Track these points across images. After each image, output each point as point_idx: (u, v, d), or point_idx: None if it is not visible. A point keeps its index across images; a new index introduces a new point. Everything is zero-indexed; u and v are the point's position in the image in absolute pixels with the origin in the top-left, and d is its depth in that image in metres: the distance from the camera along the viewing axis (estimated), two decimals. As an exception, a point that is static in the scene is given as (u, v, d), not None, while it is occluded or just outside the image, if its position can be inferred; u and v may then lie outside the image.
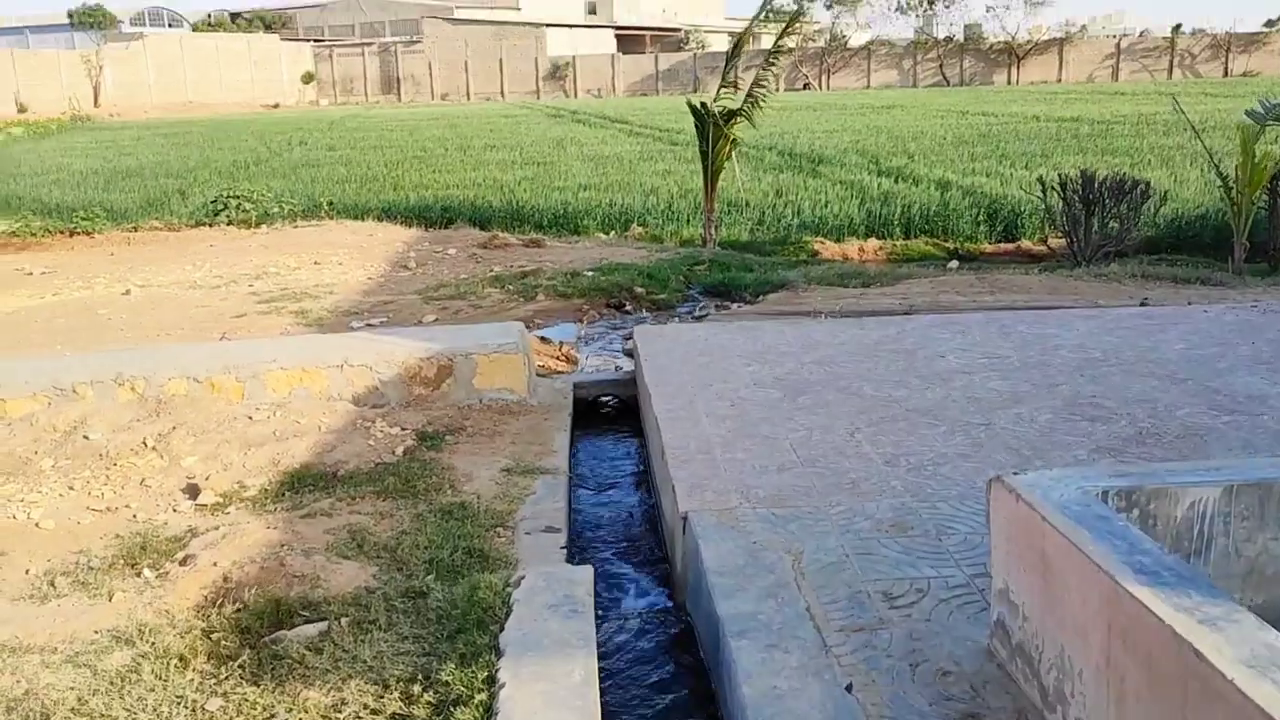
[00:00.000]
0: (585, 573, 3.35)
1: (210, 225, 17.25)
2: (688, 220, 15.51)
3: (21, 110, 61.63)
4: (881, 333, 6.16)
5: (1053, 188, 11.69)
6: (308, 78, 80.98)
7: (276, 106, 75.35)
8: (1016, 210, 14.55)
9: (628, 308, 9.18)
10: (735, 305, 9.19)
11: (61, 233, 16.99)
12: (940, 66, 74.28)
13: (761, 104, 13.15)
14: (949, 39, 75.17)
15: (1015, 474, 2.65)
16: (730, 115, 13.20)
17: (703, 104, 13.15)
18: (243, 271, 11.69)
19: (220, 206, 17.51)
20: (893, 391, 5.07)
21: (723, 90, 12.98)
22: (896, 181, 17.20)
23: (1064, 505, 2.43)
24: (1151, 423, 4.55)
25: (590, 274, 10.12)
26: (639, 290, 9.47)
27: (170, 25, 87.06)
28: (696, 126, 13.48)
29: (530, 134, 34.42)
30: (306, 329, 8.71)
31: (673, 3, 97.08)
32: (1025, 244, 13.78)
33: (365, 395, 5.55)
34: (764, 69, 13.11)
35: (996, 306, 8.40)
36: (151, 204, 19.24)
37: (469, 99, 79.47)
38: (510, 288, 9.72)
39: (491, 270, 11.26)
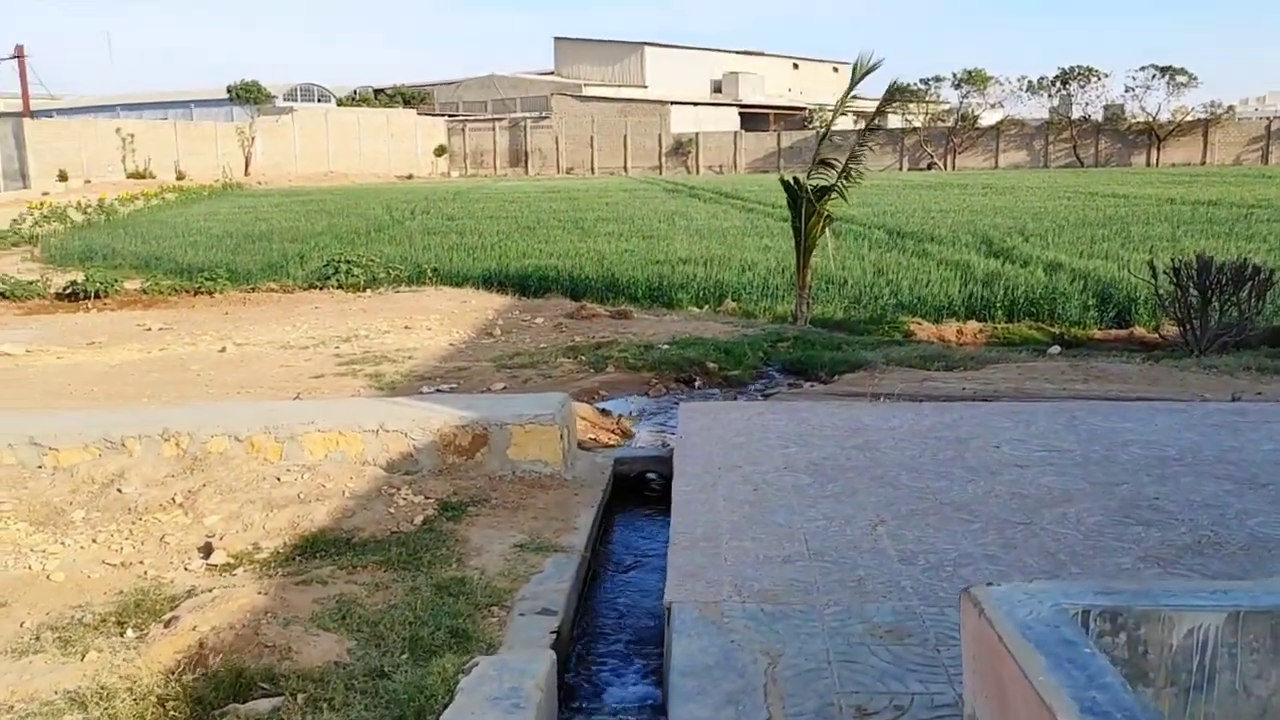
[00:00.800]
0: (541, 663, 3.16)
1: (320, 288, 17.93)
2: (782, 296, 15.29)
3: (180, 177, 65.96)
4: (937, 419, 5.82)
5: (1165, 272, 11.06)
6: (440, 150, 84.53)
7: (410, 177, 78.76)
8: (1131, 295, 13.84)
9: (698, 383, 9.02)
10: (808, 384, 8.92)
11: (186, 291, 17.93)
12: (1074, 147, 72.42)
13: (856, 180, 12.95)
14: (1084, 119, 73.26)
15: (988, 585, 2.36)
16: (824, 191, 13.04)
17: (795, 179, 13.03)
18: (335, 334, 12.02)
19: (331, 270, 18.20)
20: (931, 483, 4.74)
21: (818, 169, 12.84)
22: (1005, 263, 16.64)
23: (1026, 625, 2.14)
24: (1215, 531, 4.11)
25: (665, 347, 10.01)
26: (711, 366, 9.30)
27: (319, 100, 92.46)
28: (789, 202, 13.35)
29: (644, 208, 34.88)
30: (378, 392, 8.83)
31: (798, 82, 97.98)
32: (1139, 331, 13.06)
33: (399, 461, 5.52)
34: (859, 147, 12.93)
35: (1079, 395, 7.90)
36: (271, 266, 20.13)
37: (593, 173, 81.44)
38: (583, 358, 9.69)
39: (572, 340, 11.28)
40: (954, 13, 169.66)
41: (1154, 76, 70.53)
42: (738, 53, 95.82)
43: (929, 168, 72.58)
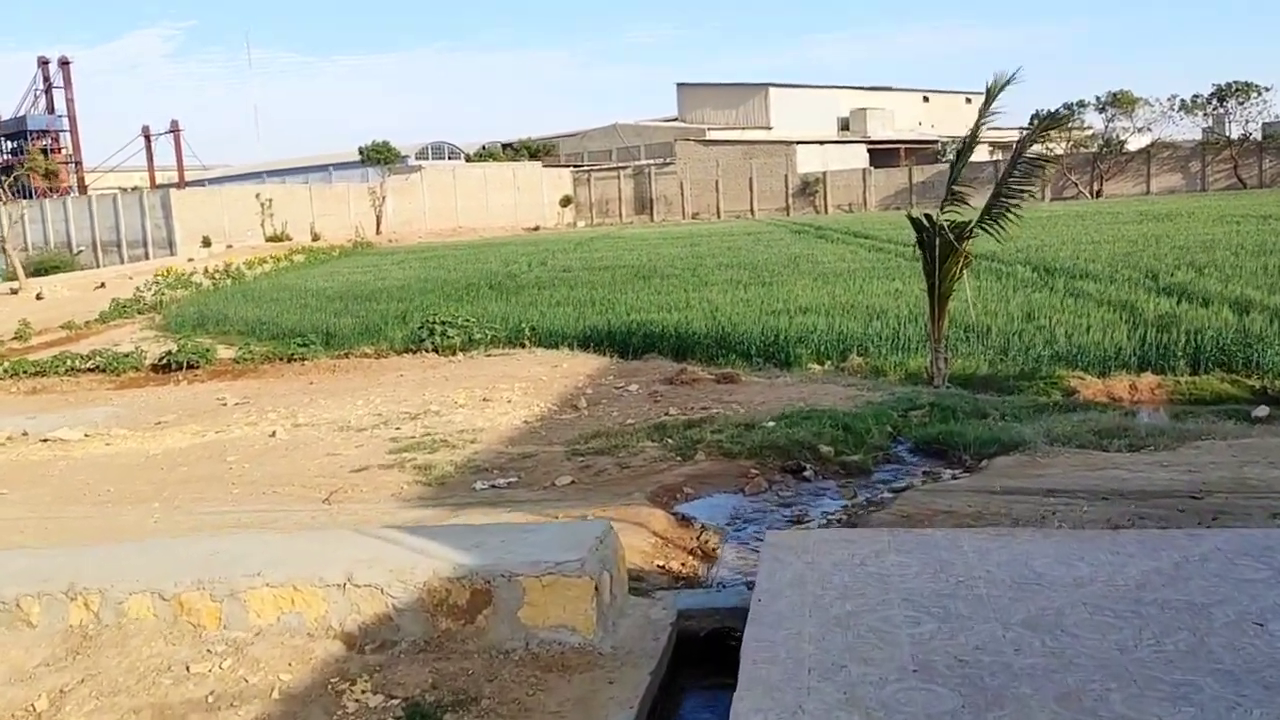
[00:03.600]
0: None
1: (414, 352, 16.94)
2: (915, 349, 13.33)
3: (315, 238, 67.89)
4: (1148, 563, 3.93)
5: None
6: (565, 201, 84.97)
7: (537, 229, 79.15)
8: (1348, 337, 11.38)
9: (807, 472, 7.25)
10: (948, 474, 7.05)
11: (279, 359, 17.20)
12: (1235, 168, 67.03)
13: (1010, 214, 11.01)
14: (1245, 137, 67.85)
15: None
16: (962, 228, 11.13)
17: (927, 216, 11.17)
18: (405, 410, 10.77)
19: (426, 333, 17.18)
20: (1166, 711, 2.89)
21: (950, 204, 10.97)
22: (1179, 301, 14.22)
23: None
24: None
25: (771, 424, 8.29)
26: (825, 449, 7.52)
27: (449, 157, 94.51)
28: (919, 243, 11.49)
29: (767, 252, 33.21)
30: (425, 488, 7.43)
31: (928, 115, 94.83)
32: (1364, 383, 10.60)
33: (374, 626, 4.02)
34: (1010, 175, 11.01)
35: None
36: (369, 330, 19.27)
37: (719, 217, 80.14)
38: (671, 440, 8.08)
39: (666, 413, 9.69)
40: (1095, 36, 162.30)
41: (1323, 88, 64.70)
42: (865, 89, 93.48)
43: (1075, 196, 68.46)
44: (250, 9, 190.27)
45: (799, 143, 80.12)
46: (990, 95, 11.17)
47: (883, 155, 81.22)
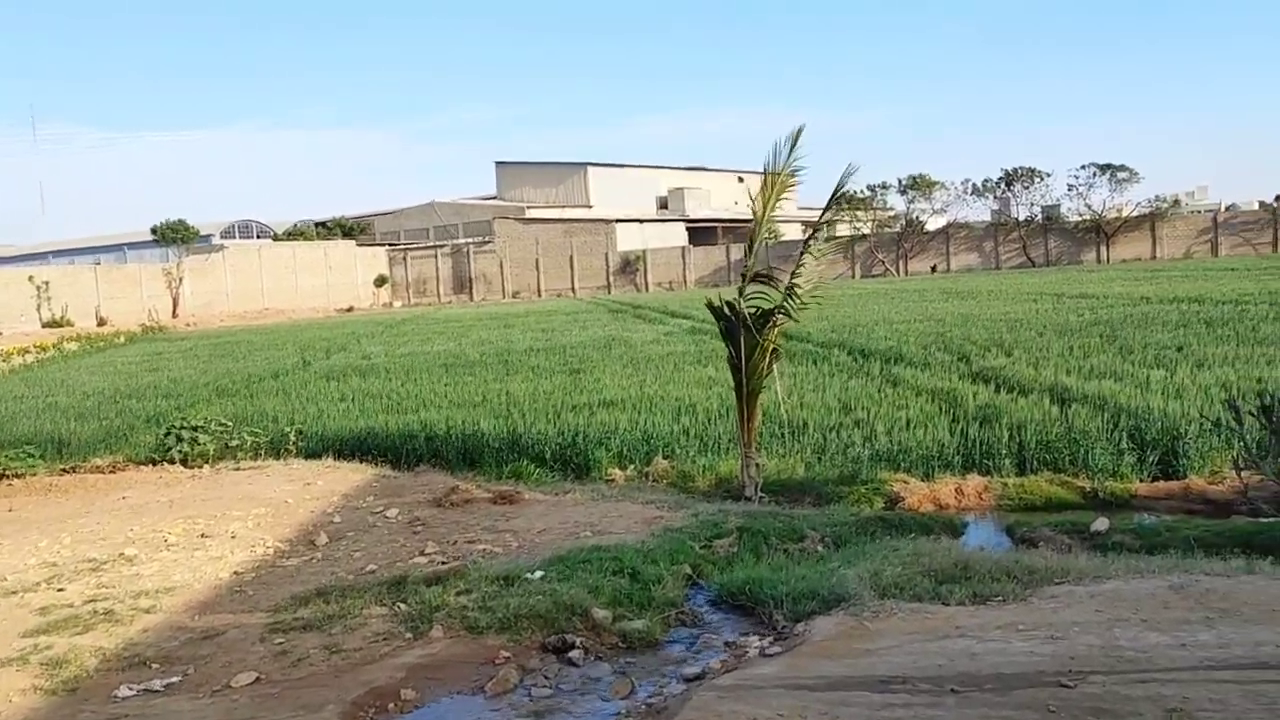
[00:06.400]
0: None
1: (157, 463, 14.40)
2: (727, 449, 11.97)
3: (101, 324, 62.46)
4: None
5: (1250, 412, 7.89)
6: (380, 280, 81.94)
7: (350, 310, 75.64)
8: (1171, 429, 10.69)
9: (575, 652, 5.50)
10: (757, 645, 5.46)
11: (-13, 476, 14.26)
12: (1024, 247, 71.28)
13: (807, 298, 9.80)
14: (1030, 219, 72.43)
15: None
16: (768, 315, 9.86)
17: (728, 303, 9.84)
18: (90, 556, 8.45)
19: (174, 440, 14.66)
20: None
21: (753, 285, 9.70)
22: (998, 390, 13.47)
23: None
24: None
25: (538, 576, 6.53)
26: (600, 614, 5.81)
27: (258, 235, 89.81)
28: (723, 333, 10.16)
29: (582, 334, 31.81)
30: (41, 698, 5.27)
31: (743, 194, 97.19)
32: (1196, 481, 9.84)
33: None
34: (803, 254, 9.84)
35: (1224, 666, 4.57)
36: (112, 435, 16.47)
37: (540, 295, 78.93)
38: (406, 605, 6.20)
39: (422, 551, 7.82)
40: (896, 121, 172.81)
41: (1095, 174, 69.98)
42: (682, 168, 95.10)
43: (883, 274, 71.02)
44: (40, 83, 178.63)
45: (619, 221, 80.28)
46: (766, 182, 10.11)
47: (701, 234, 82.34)
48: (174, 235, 73.34)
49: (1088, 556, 6.47)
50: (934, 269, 71.81)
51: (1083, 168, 70.31)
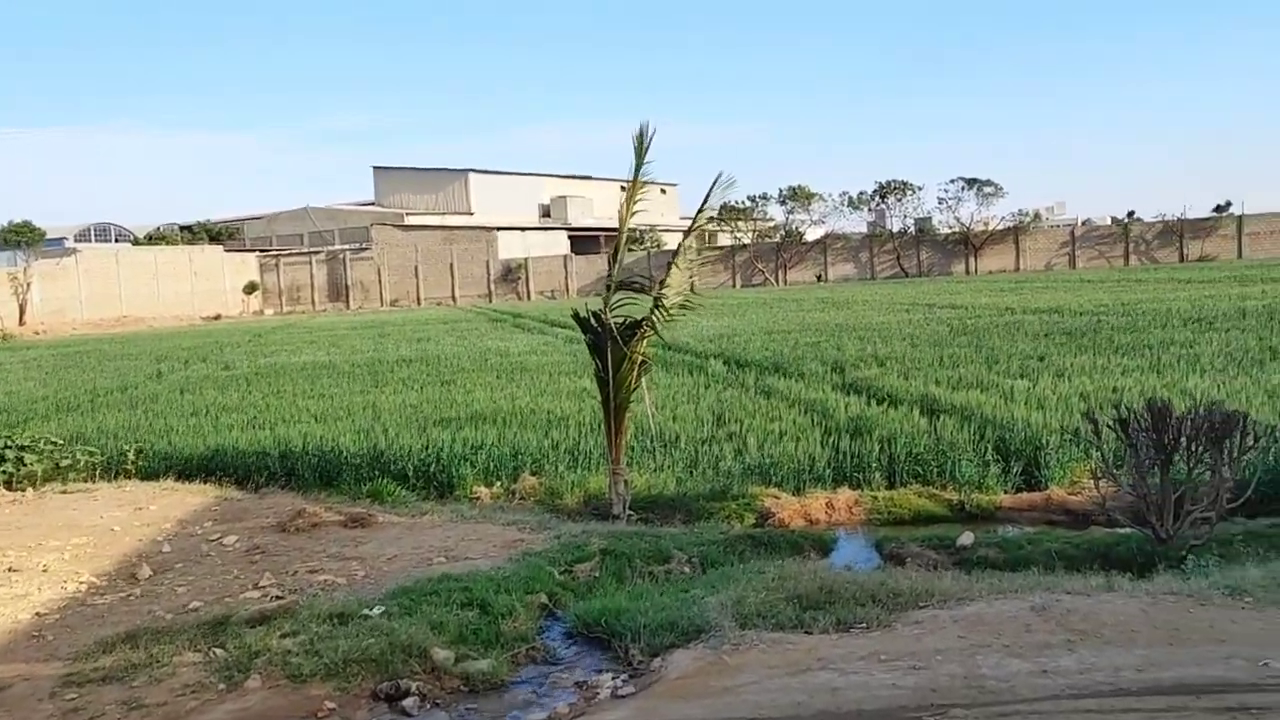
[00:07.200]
0: None
1: (-22, 485, 13.17)
2: (597, 464, 11.58)
3: (-64, 333, 58.23)
4: None
5: (1108, 424, 7.94)
6: (250, 287, 78.83)
7: (218, 318, 72.55)
8: (1034, 440, 10.79)
9: (411, 698, 4.99)
10: (609, 684, 5.07)
11: None
12: (897, 258, 73.37)
13: (675, 309, 9.50)
14: (903, 231, 74.66)
15: None
16: (635, 326, 9.52)
17: (594, 313, 9.47)
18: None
19: (-3, 461, 13.44)
20: None
21: (619, 294, 9.35)
22: (869, 401, 13.46)
23: None
24: None
25: (376, 612, 5.99)
26: (442, 654, 5.33)
27: (118, 239, 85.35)
28: (590, 346, 9.78)
29: (459, 344, 31.02)
30: None
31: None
32: (1057, 492, 9.92)
33: None
34: (671, 264, 9.55)
35: (1081, 694, 4.41)
36: (-70, 455, 15.06)
37: (419, 304, 77.27)
38: (222, 650, 5.59)
39: (257, 584, 7.17)
40: (777, 133, 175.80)
41: (963, 188, 72.59)
42: (565, 177, 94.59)
43: (763, 283, 72.03)
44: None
45: (501, 229, 79.25)
46: (631, 191, 9.82)
47: (583, 242, 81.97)
48: (18, 237, 68.98)
49: (953, 575, 6.31)
50: (819, 278, 73.21)
51: (952, 181, 72.94)
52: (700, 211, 9.72)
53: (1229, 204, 68.53)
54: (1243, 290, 32.27)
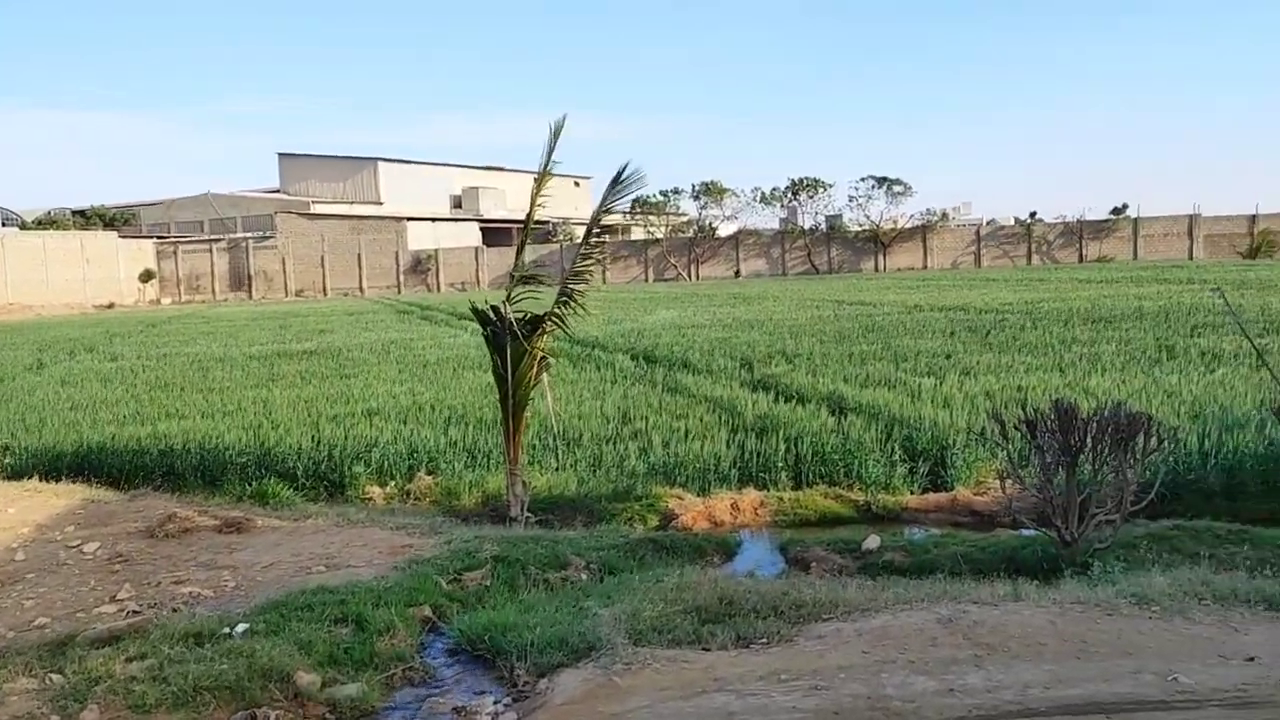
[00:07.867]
0: None
1: None
2: (496, 463, 11.13)
3: None
4: None
5: (1014, 425, 7.81)
6: (146, 275, 75.70)
7: (111, 306, 69.54)
8: (940, 439, 10.70)
9: (270, 730, 4.55)
10: (489, 706, 4.68)
11: None
12: (808, 255, 74.11)
13: (578, 301, 9.13)
14: (814, 229, 75.46)
15: None
16: (537, 322, 9.12)
17: (494, 307, 9.03)
18: None
19: None
20: None
21: (521, 288, 8.93)
22: (777, 399, 13.26)
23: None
24: None
25: (238, 631, 5.48)
26: (306, 679, 4.86)
27: (5, 224, 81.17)
28: (488, 340, 9.33)
29: (362, 336, 30.09)
30: None
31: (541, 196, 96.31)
32: (962, 493, 9.82)
33: None
34: (582, 259, 9.17)
35: (1008, 710, 4.17)
36: None
37: (326, 295, 75.27)
38: (61, 676, 5.02)
39: (114, 597, 6.57)
40: (690, 127, 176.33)
41: (873, 186, 73.61)
42: (478, 168, 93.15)
43: (676, 278, 72.05)
44: None
45: (410, 219, 77.68)
46: (540, 182, 9.43)
47: (496, 234, 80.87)
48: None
49: (858, 584, 6.07)
50: (737, 274, 73.51)
51: (862, 179, 73.87)
52: (603, 203, 9.35)
53: (1126, 206, 70.90)
54: (1139, 290, 33.26)
